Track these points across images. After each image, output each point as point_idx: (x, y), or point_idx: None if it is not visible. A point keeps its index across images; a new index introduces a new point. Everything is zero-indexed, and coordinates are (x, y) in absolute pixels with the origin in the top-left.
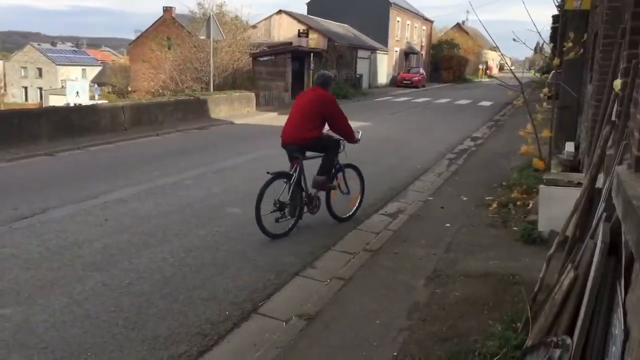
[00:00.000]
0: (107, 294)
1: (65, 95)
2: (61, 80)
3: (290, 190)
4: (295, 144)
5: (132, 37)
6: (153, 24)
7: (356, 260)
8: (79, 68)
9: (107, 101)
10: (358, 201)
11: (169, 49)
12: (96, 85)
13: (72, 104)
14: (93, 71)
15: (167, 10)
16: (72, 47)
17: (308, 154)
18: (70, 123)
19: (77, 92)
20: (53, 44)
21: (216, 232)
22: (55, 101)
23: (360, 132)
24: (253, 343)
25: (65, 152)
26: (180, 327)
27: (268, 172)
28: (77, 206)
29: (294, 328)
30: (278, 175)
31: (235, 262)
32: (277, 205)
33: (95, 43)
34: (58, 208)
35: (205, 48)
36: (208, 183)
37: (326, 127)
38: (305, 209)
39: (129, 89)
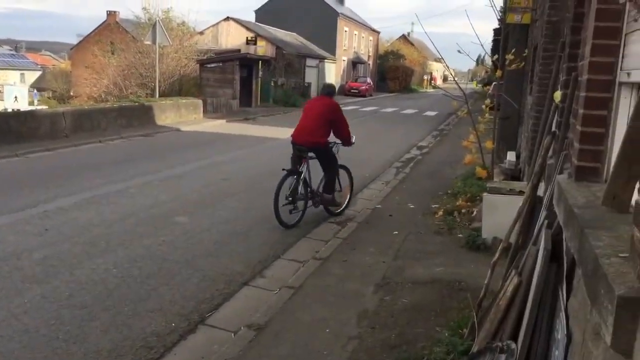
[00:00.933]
0: (47, 307)
1: (2, 100)
2: None
3: (300, 185)
4: (307, 146)
5: (74, 41)
6: (96, 28)
7: (306, 269)
8: (18, 72)
9: (47, 107)
10: (348, 196)
11: (113, 54)
12: (35, 90)
13: (9, 109)
14: (32, 75)
15: (111, 14)
16: (10, 50)
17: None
18: (8, 129)
19: (16, 97)
20: None
21: (162, 241)
22: None
23: (354, 136)
24: (201, 356)
25: (2, 159)
26: (125, 340)
27: (283, 169)
28: (15, 215)
29: (243, 339)
30: (290, 173)
31: (182, 272)
32: (290, 199)
33: (35, 47)
34: None
35: (150, 54)
36: (154, 191)
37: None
38: (310, 203)
39: (71, 94)
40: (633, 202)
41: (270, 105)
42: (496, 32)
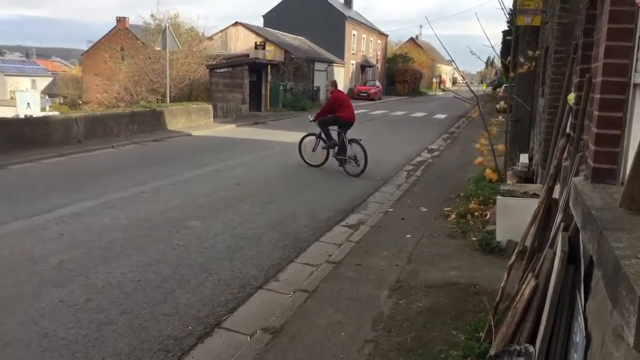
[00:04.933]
0: (65, 311)
1: (15, 106)
2: (10, 91)
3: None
4: (352, 122)
5: (85, 47)
6: (106, 34)
7: (319, 273)
8: (29, 79)
9: (58, 113)
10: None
11: (123, 59)
12: (47, 97)
13: (22, 116)
14: (43, 82)
15: (121, 20)
16: (22, 57)
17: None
18: (22, 135)
19: (28, 104)
20: (1, 53)
21: (177, 245)
22: (3, 112)
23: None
24: (218, 358)
25: (17, 164)
26: (142, 343)
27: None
28: (31, 220)
29: (259, 342)
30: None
31: (197, 276)
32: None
33: (45, 53)
34: (11, 222)
35: (160, 59)
36: (167, 196)
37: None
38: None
39: (82, 100)
40: None
41: (279, 109)
42: (506, 34)
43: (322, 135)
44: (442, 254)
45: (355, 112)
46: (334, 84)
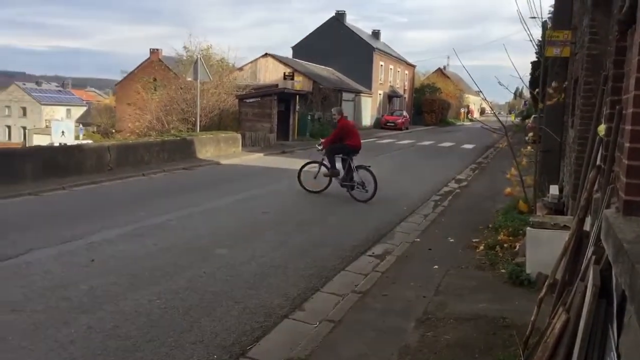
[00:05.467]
0: (93, 337)
1: (49, 134)
2: (45, 120)
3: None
4: (359, 149)
5: (119, 77)
6: (140, 65)
7: (345, 303)
8: (64, 108)
9: (91, 141)
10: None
11: (155, 90)
12: (81, 125)
13: (56, 144)
14: (78, 111)
15: (154, 52)
16: (58, 87)
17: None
18: (56, 163)
19: (63, 132)
20: (38, 83)
21: (203, 273)
22: (39, 140)
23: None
24: None
25: (50, 192)
26: None
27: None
28: (63, 247)
29: None
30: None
31: (223, 304)
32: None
33: (80, 83)
34: (43, 248)
35: (191, 89)
36: (195, 224)
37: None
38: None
39: (114, 129)
40: None
41: (307, 138)
42: (534, 65)
43: (325, 162)
44: (470, 286)
45: (382, 142)
46: (340, 112)
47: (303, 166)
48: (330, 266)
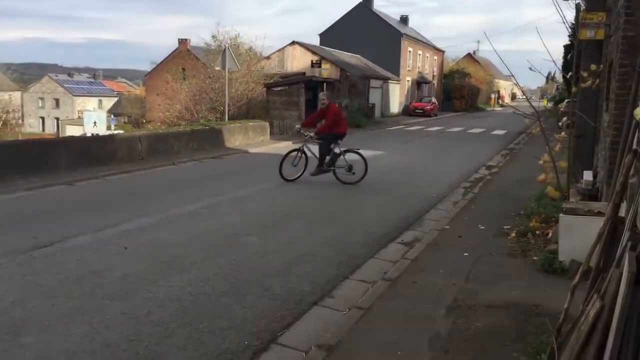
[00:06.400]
0: (127, 323)
1: (82, 125)
2: (78, 111)
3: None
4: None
5: (148, 68)
6: (168, 55)
7: (374, 290)
8: (96, 99)
9: (123, 131)
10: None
11: (184, 79)
12: (112, 116)
13: (89, 134)
14: (109, 102)
15: (183, 42)
16: (89, 78)
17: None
18: (89, 152)
19: (95, 122)
20: (70, 75)
21: (233, 260)
22: (71, 131)
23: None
24: None
25: (84, 181)
26: (201, 356)
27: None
28: (96, 235)
29: (314, 359)
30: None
31: (253, 291)
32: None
33: (111, 74)
34: (77, 237)
35: (220, 79)
36: (224, 212)
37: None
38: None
39: (145, 119)
40: None
41: None
42: (567, 48)
43: (309, 150)
44: (501, 273)
45: (411, 129)
46: (329, 96)
47: (285, 157)
48: (359, 254)
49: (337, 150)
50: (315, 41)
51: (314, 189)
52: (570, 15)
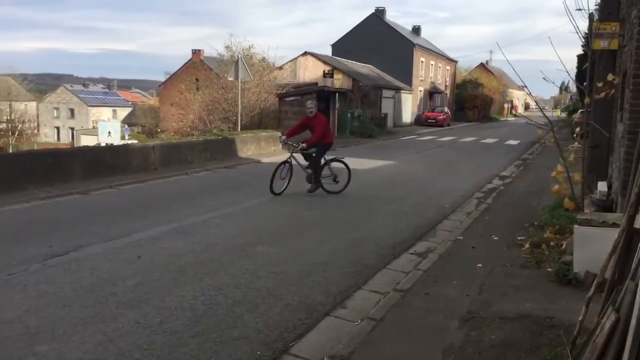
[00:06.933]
0: (139, 332)
1: (96, 135)
2: (92, 121)
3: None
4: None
5: (162, 78)
6: (182, 66)
7: (387, 301)
8: (110, 109)
9: (136, 141)
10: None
11: (198, 90)
12: (126, 126)
13: (103, 144)
14: (124, 112)
15: (196, 53)
16: (104, 88)
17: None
18: (103, 162)
19: (109, 132)
20: (85, 85)
21: (246, 270)
22: (86, 141)
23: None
24: None
25: (98, 190)
26: None
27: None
28: (110, 244)
29: None
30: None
31: (266, 301)
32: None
33: (125, 84)
34: (91, 246)
35: (233, 89)
36: (237, 221)
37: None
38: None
39: (158, 129)
40: None
41: (347, 136)
42: (580, 58)
43: (298, 162)
44: (515, 285)
45: (423, 139)
46: (316, 105)
47: (275, 171)
48: (371, 264)
49: (322, 161)
50: (328, 51)
51: (325, 198)
52: (584, 25)
